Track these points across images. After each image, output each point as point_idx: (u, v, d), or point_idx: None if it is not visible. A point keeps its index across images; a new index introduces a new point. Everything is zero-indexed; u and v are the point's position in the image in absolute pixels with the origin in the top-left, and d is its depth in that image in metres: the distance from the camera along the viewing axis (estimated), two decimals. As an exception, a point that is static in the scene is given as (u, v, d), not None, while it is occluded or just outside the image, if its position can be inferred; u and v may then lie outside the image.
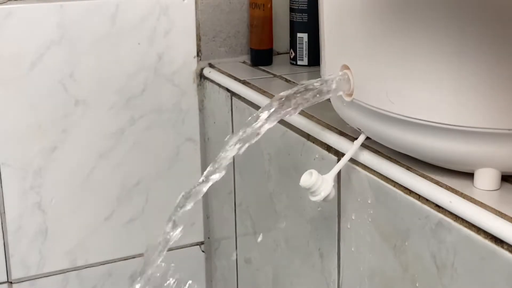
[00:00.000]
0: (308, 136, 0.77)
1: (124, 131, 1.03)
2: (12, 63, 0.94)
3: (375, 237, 0.66)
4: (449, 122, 0.56)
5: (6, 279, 1.01)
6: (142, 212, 1.07)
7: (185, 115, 1.06)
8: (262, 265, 0.93)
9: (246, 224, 0.97)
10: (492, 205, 0.55)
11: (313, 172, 0.65)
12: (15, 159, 0.97)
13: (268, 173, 0.87)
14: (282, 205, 0.85)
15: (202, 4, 1.04)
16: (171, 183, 1.06)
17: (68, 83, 0.98)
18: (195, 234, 1.11)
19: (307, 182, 0.65)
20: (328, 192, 0.65)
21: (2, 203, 0.98)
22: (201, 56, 1.05)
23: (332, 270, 0.75)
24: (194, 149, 1.08)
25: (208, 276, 1.14)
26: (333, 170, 0.67)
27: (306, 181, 0.65)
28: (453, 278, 0.57)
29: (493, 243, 0.52)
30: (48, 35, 0.95)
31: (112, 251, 1.06)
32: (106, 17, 0.98)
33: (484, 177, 0.58)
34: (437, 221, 0.58)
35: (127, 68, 1.01)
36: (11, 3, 0.94)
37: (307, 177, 0.65)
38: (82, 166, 1.02)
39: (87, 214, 1.03)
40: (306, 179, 0.65)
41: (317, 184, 0.65)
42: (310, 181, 0.65)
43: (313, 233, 0.78)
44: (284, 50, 1.09)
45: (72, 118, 0.99)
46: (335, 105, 0.70)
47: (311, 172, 0.65)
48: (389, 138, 0.63)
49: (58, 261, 1.03)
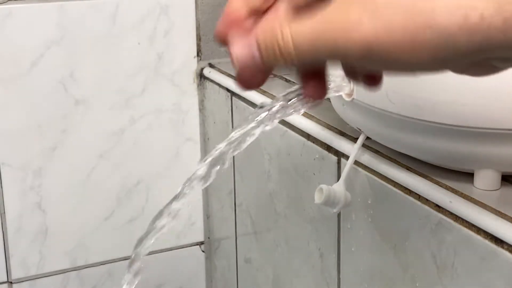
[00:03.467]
0: (308, 136, 0.77)
1: (124, 131, 1.03)
2: (12, 63, 0.94)
3: (375, 237, 0.66)
4: (449, 122, 0.56)
5: (6, 279, 1.01)
6: (142, 212, 1.07)
7: (185, 115, 1.06)
8: (262, 265, 0.93)
9: (246, 224, 0.97)
10: (492, 205, 0.55)
11: (323, 187, 0.65)
12: (15, 159, 0.97)
13: (268, 173, 0.87)
14: (282, 205, 0.85)
15: (202, 4, 1.04)
16: (171, 183, 1.06)
17: (68, 83, 0.98)
18: (195, 234, 1.11)
19: (320, 199, 0.65)
20: (343, 201, 0.66)
21: (2, 203, 0.98)
22: (201, 56, 1.05)
23: (332, 270, 0.75)
24: (194, 149, 1.08)
25: (208, 276, 1.14)
26: (341, 178, 0.67)
27: (319, 198, 0.66)
28: (453, 278, 0.57)
29: (493, 243, 0.52)
30: (48, 35, 0.95)
31: (112, 251, 1.06)
32: (106, 17, 0.98)
33: (484, 177, 0.58)
34: (437, 221, 0.58)
35: (127, 68, 1.01)
36: (11, 3, 0.94)
37: (319, 194, 0.66)
38: (82, 166, 1.02)
39: (87, 214, 1.03)
40: (318, 196, 0.66)
41: (330, 197, 0.66)
42: (323, 197, 0.65)
43: (313, 233, 0.78)
44: (284, 50, 1.09)
45: (72, 118, 0.99)
46: (335, 105, 0.70)
47: (321, 188, 0.65)
48: (389, 138, 0.63)
49: (58, 261, 1.03)
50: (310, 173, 0.77)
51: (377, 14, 0.32)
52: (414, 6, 0.32)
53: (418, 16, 0.32)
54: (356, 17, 0.32)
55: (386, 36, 0.32)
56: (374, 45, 0.32)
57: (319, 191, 0.66)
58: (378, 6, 0.32)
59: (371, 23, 0.32)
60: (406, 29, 0.32)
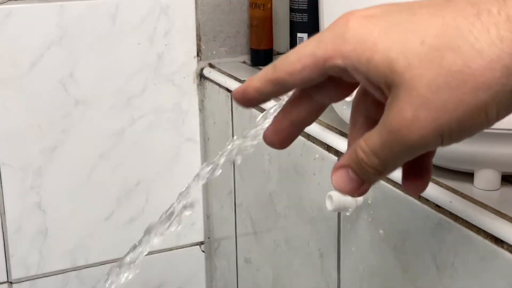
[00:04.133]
0: (308, 136, 0.77)
1: (124, 131, 1.03)
2: (12, 63, 0.94)
3: (375, 237, 0.66)
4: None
5: (6, 279, 1.01)
6: (142, 212, 1.07)
7: (185, 115, 1.06)
8: (262, 265, 0.93)
9: (246, 224, 0.97)
10: (492, 205, 0.55)
11: (331, 194, 0.66)
12: (15, 159, 0.97)
13: (268, 173, 0.87)
14: (282, 205, 0.85)
15: (202, 4, 1.04)
16: (171, 183, 1.06)
17: (68, 83, 0.98)
18: (195, 234, 1.11)
19: (331, 205, 0.66)
20: (355, 203, 0.67)
21: (2, 203, 0.98)
22: (201, 56, 1.05)
23: (332, 270, 0.75)
24: (194, 149, 1.08)
25: (208, 276, 1.14)
26: None
27: (330, 205, 0.66)
28: (453, 278, 0.57)
29: (493, 243, 0.52)
30: (48, 35, 0.95)
31: (112, 251, 1.06)
32: (106, 17, 0.98)
33: (484, 177, 0.58)
34: (437, 221, 0.58)
35: (127, 68, 1.01)
36: (11, 3, 0.94)
37: (329, 202, 0.66)
38: (82, 166, 1.02)
39: (87, 214, 1.03)
40: (329, 204, 0.66)
41: (341, 203, 0.66)
42: (333, 204, 0.66)
43: (313, 233, 0.78)
44: (284, 50, 1.09)
45: (72, 118, 0.99)
46: (335, 105, 0.70)
47: (330, 195, 0.66)
48: (389, 138, 0.63)
49: (58, 261, 1.03)
50: (310, 173, 0.77)
51: (427, 104, 0.34)
52: (455, 78, 0.34)
53: (463, 85, 0.34)
54: (410, 116, 0.35)
55: (448, 117, 0.34)
56: (440, 129, 0.35)
57: (329, 198, 0.66)
58: (424, 97, 0.34)
59: (426, 113, 0.34)
60: (461, 103, 0.34)
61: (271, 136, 0.45)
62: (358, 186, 0.40)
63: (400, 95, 0.35)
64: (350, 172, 0.40)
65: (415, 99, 0.34)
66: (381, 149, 0.37)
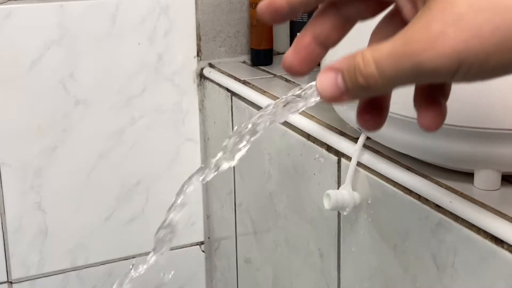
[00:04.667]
0: (308, 136, 0.77)
1: (124, 131, 1.03)
2: (12, 63, 0.94)
3: (375, 237, 0.66)
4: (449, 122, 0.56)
5: (6, 279, 1.01)
6: (142, 212, 1.07)
7: (185, 115, 1.06)
8: (262, 265, 0.93)
9: (246, 224, 0.97)
10: (492, 205, 0.55)
11: (330, 193, 0.66)
12: (15, 159, 0.97)
13: (268, 173, 0.87)
14: (282, 205, 0.85)
15: (202, 4, 1.04)
16: (171, 183, 1.06)
17: (68, 83, 0.98)
18: (195, 234, 1.11)
19: (329, 204, 0.66)
20: (353, 202, 0.67)
21: (2, 203, 0.98)
22: (201, 56, 1.05)
23: (332, 270, 0.75)
24: (194, 149, 1.08)
25: (208, 276, 1.14)
26: (347, 180, 0.67)
27: (328, 204, 0.66)
28: (453, 278, 0.57)
29: (493, 243, 0.52)
30: (48, 35, 0.95)
31: (112, 251, 1.06)
32: (106, 17, 0.98)
33: (484, 177, 0.58)
34: (437, 221, 0.58)
35: (127, 68, 1.01)
36: (11, 3, 0.94)
37: (327, 200, 0.66)
38: (82, 166, 1.02)
39: (87, 214, 1.03)
40: (327, 202, 0.66)
41: (338, 202, 0.66)
42: (331, 203, 0.65)
43: (313, 233, 0.78)
44: (284, 50, 1.09)
45: (72, 118, 0.99)
46: (335, 106, 0.70)
47: (328, 194, 0.66)
48: (389, 138, 0.63)
49: (58, 261, 1.03)
50: (310, 173, 0.77)
51: (462, 22, 0.31)
52: (500, 4, 0.31)
53: (508, 14, 0.30)
54: (438, 30, 0.31)
55: (477, 43, 0.31)
56: (463, 55, 0.31)
57: (327, 197, 0.66)
58: (461, 14, 0.31)
59: (457, 32, 0.31)
60: (498, 29, 0.31)
61: (291, 57, 0.41)
62: (340, 96, 0.37)
63: (434, 7, 0.32)
64: (339, 77, 0.36)
65: (450, 14, 0.31)
66: (386, 59, 0.34)
